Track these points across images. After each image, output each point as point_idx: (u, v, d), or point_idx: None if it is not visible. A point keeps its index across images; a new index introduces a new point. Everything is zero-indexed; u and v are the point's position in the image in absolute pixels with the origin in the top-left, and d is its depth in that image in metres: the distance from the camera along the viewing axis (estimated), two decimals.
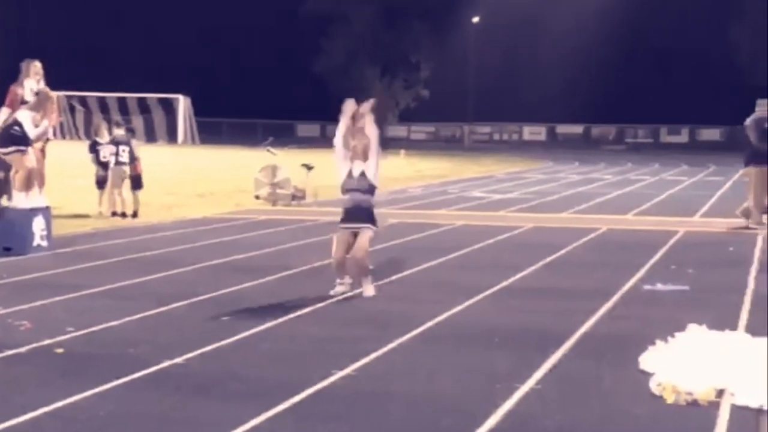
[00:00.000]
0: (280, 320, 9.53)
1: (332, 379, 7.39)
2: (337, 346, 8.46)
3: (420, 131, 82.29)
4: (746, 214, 18.11)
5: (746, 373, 7.22)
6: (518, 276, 12.46)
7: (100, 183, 19.73)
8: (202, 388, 7.18)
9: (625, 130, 77.15)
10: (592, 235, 17.05)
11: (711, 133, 73.88)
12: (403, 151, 50.95)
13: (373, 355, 8.12)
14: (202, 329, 9.09)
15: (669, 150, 65.49)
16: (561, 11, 76.96)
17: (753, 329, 9.05)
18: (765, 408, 6.70)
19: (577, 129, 78.52)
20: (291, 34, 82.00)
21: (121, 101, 67.41)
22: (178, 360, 7.94)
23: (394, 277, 12.26)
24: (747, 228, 17.70)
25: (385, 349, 8.33)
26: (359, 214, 11.18)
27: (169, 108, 68.30)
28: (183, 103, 66.96)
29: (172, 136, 66.68)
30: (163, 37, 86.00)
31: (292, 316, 9.75)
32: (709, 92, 73.46)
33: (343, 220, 11.32)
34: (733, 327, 9.09)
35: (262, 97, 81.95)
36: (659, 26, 76.73)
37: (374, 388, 7.21)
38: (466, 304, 10.49)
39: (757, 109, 18.16)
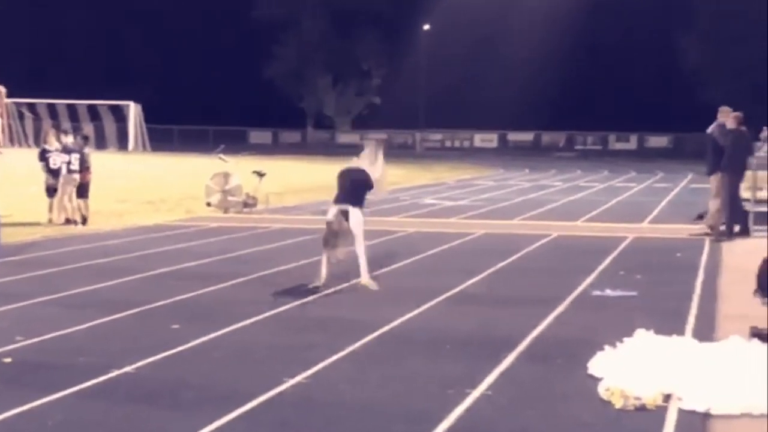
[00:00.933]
0: (232, 328, 9.51)
1: (284, 386, 7.40)
2: (289, 354, 8.46)
3: (372, 138, 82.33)
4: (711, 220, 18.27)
5: (693, 377, 7.32)
6: (469, 282, 12.53)
7: (50, 191, 19.57)
8: (152, 396, 7.16)
9: (575, 137, 77.75)
10: (543, 242, 17.18)
11: (659, 140, 74.69)
12: (355, 159, 50.92)
13: (325, 362, 8.13)
14: (153, 337, 9.05)
15: (618, 157, 66.06)
16: (512, 20, 77.44)
17: (700, 334, 9.18)
18: (712, 412, 6.80)
19: (528, 136, 79.00)
20: (242, 40, 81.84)
21: (71, 108, 66.81)
22: (129, 369, 7.90)
23: (346, 284, 12.27)
24: (707, 234, 17.82)
25: (337, 356, 8.35)
26: None
27: (119, 115, 67.79)
28: (133, 110, 66.49)
29: (122, 143, 66.20)
30: (114, 43, 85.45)
31: (243, 323, 9.74)
32: (657, 100, 74.29)
33: None
34: (681, 332, 9.20)
35: (214, 104, 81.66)
36: (608, 35, 77.38)
37: (326, 395, 7.22)
38: (418, 310, 10.53)
39: (719, 116, 18.38)
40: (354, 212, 11.92)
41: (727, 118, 18.22)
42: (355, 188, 12.18)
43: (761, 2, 64.45)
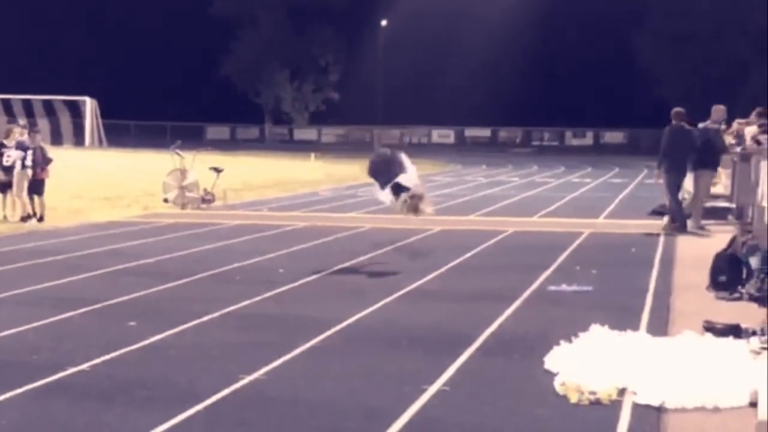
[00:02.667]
0: (187, 325, 9.47)
1: (240, 384, 7.38)
2: (245, 351, 8.44)
3: (330, 134, 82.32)
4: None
5: (647, 372, 7.39)
6: (426, 278, 12.56)
7: (2, 187, 19.35)
8: (107, 395, 7.12)
9: (532, 133, 78.11)
10: (499, 237, 17.25)
11: (615, 136, 75.21)
12: (313, 155, 50.92)
13: (282, 359, 8.13)
14: (108, 335, 9.00)
15: (574, 152, 66.45)
16: (469, 16, 77.63)
17: (654, 329, 9.26)
18: (666, 406, 6.86)
19: (485, 132, 79.20)
20: (199, 36, 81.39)
21: (26, 103, 66.17)
22: (84, 366, 7.85)
23: (302, 281, 12.27)
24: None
25: (293, 354, 8.34)
26: None
27: (75, 110, 67.23)
28: (90, 105, 65.98)
29: (78, 139, 65.68)
30: (70, 37, 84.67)
31: (199, 321, 9.70)
32: (612, 96, 74.76)
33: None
34: (635, 327, 9.28)
35: (171, 100, 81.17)
36: (564, 32, 77.87)
37: (282, 392, 7.22)
38: (375, 306, 10.54)
39: (713, 115, 18.54)
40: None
41: (721, 116, 18.44)
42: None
43: (712, 0, 65.14)
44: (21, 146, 19.21)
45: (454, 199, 26.62)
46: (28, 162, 19.03)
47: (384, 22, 79.09)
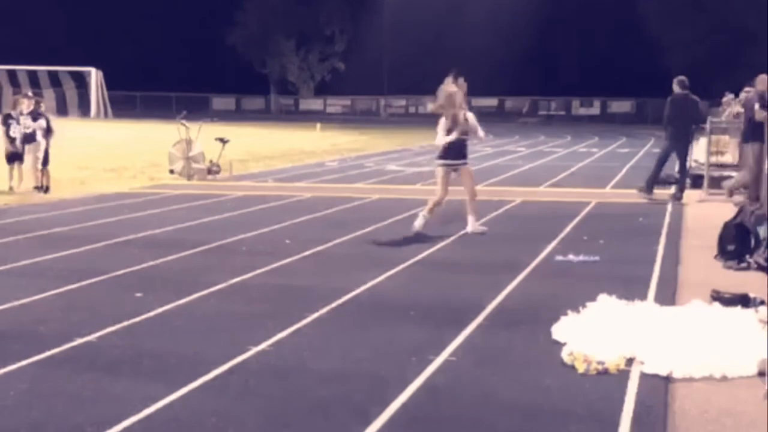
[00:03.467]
0: (194, 296, 9.47)
1: (247, 354, 7.37)
2: (252, 322, 8.43)
3: (336, 104, 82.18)
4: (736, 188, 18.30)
5: (655, 341, 7.37)
6: (433, 249, 12.54)
7: (10, 158, 19.35)
8: (115, 365, 7.12)
9: (539, 102, 77.92)
10: (506, 207, 17.22)
11: (622, 105, 74.99)
12: (318, 125, 50.85)
13: (289, 330, 8.12)
14: (115, 306, 8.99)
15: (581, 122, 66.28)
16: None
17: (662, 299, 9.24)
18: (673, 375, 6.85)
19: (492, 101, 79.00)
20: (204, 6, 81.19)
21: (32, 74, 66.13)
22: (91, 337, 7.85)
23: (308, 252, 12.25)
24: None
25: (300, 324, 8.33)
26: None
27: (81, 81, 67.21)
28: (95, 76, 65.91)
29: (84, 110, 65.67)
30: (75, 8, 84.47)
31: (206, 292, 9.69)
32: (619, 65, 74.48)
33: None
34: (643, 297, 9.26)
35: (176, 70, 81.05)
36: (571, 1, 77.47)
37: (289, 363, 7.21)
38: (382, 277, 10.52)
39: (758, 86, 18.41)
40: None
41: (764, 86, 18.30)
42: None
43: None
44: (40, 115, 19.24)
45: None
46: (38, 134, 19.08)
47: None
